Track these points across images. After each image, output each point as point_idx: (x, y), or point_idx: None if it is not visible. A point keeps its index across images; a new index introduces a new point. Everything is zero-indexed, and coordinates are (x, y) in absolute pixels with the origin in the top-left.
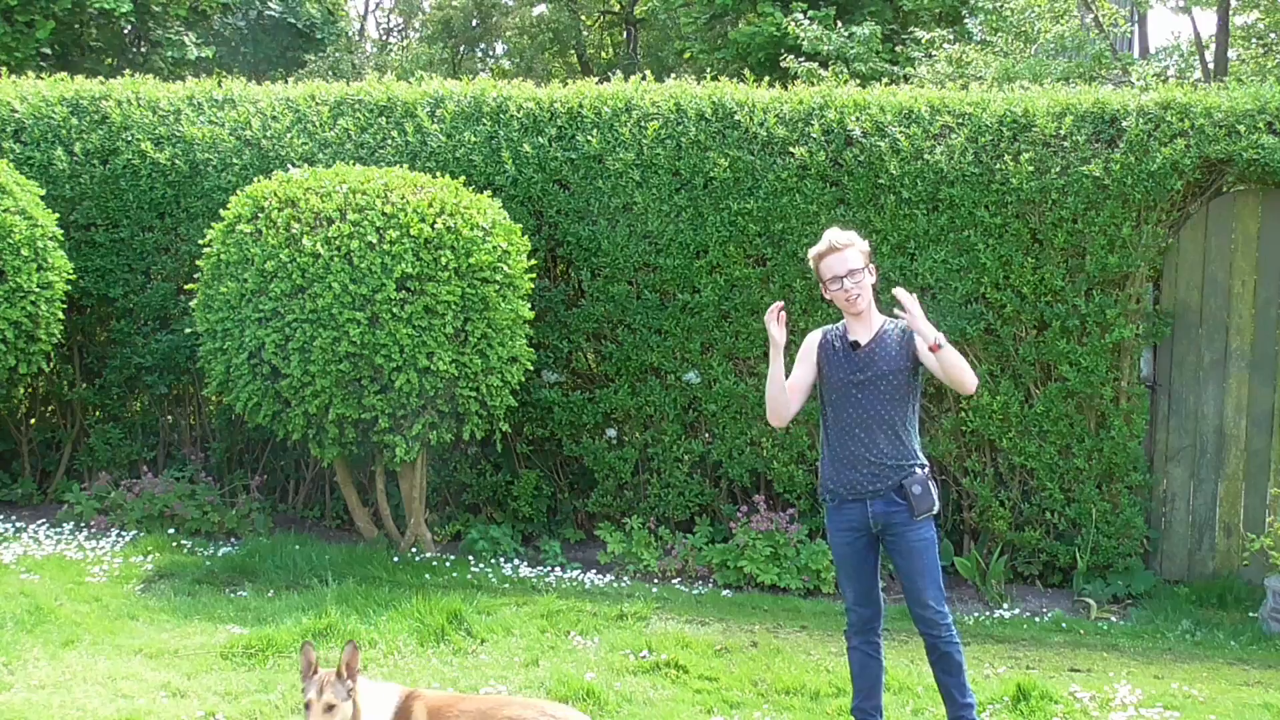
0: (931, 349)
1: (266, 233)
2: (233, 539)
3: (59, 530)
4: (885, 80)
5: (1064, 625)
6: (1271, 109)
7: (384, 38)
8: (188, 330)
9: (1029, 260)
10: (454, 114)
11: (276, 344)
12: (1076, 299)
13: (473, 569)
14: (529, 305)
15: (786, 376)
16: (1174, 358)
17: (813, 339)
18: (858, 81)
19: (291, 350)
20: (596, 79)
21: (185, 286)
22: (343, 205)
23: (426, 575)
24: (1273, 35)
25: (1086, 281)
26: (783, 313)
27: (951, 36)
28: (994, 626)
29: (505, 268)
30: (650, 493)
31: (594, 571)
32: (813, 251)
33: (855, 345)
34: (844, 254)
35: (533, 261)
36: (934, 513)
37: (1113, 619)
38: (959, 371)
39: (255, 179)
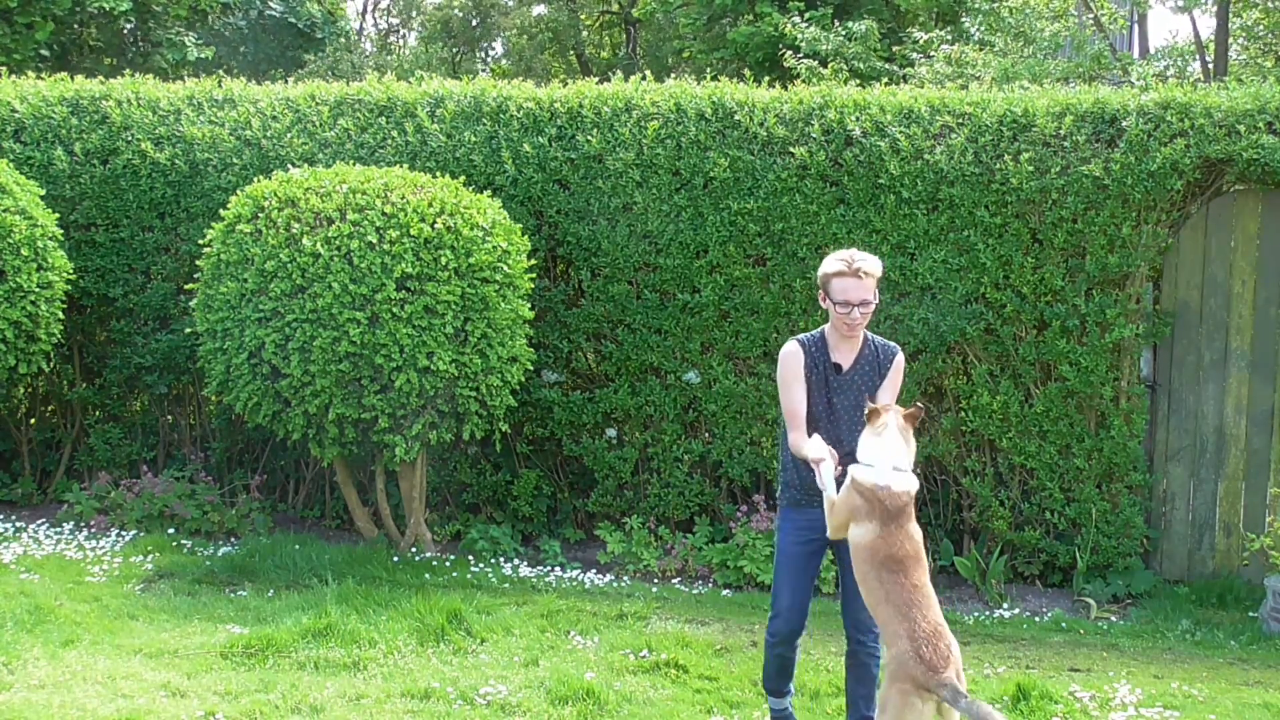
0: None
1: (266, 233)
2: (233, 539)
3: (59, 530)
4: (884, 80)
5: (1064, 625)
6: (1271, 109)
7: (383, 38)
8: (188, 330)
9: (1029, 260)
10: (454, 114)
11: (276, 344)
12: (1076, 299)
13: (473, 569)
14: (529, 305)
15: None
16: (1174, 358)
17: (798, 356)
18: (857, 81)
19: (291, 350)
20: (596, 79)
21: (185, 286)
22: (343, 205)
23: (426, 575)
24: (1271, 35)
25: (1086, 281)
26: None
27: (950, 36)
28: (994, 626)
29: (505, 268)
30: (650, 493)
31: (594, 571)
32: (831, 268)
33: (838, 368)
34: (865, 283)
35: (533, 261)
36: None
37: (1113, 619)
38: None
39: (255, 179)
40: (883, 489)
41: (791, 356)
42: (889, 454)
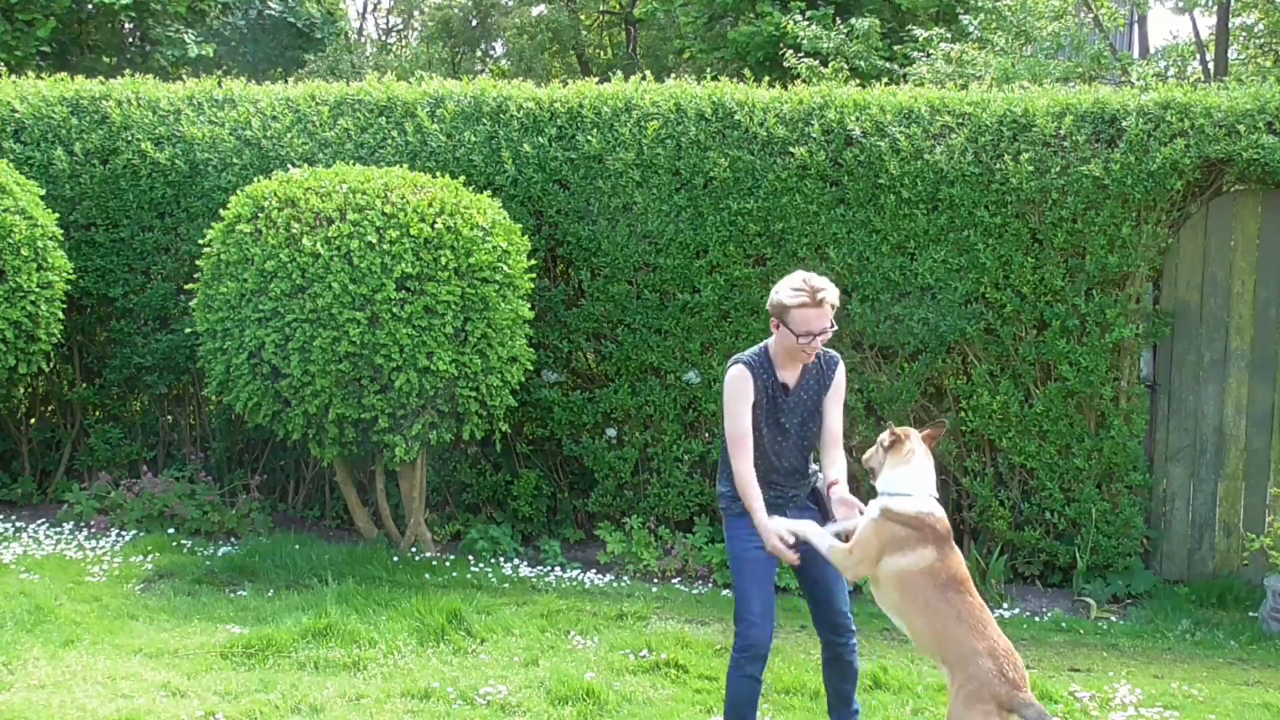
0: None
1: (266, 233)
2: (233, 539)
3: (59, 530)
4: (884, 79)
5: (1064, 625)
6: (1271, 109)
7: (383, 38)
8: (188, 330)
9: (1029, 260)
10: (454, 114)
11: (276, 344)
12: (1076, 299)
13: (472, 569)
14: (529, 305)
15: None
16: (1174, 358)
17: (748, 380)
18: (857, 80)
19: (291, 350)
20: (596, 79)
21: (185, 286)
22: (343, 205)
23: (426, 575)
24: (1271, 35)
25: (1086, 281)
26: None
27: (950, 35)
28: None
29: (505, 268)
30: (650, 492)
31: (594, 571)
32: (788, 299)
33: (785, 389)
34: (825, 310)
35: (533, 261)
36: None
37: (1112, 619)
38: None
39: (255, 179)
40: (928, 514)
41: (741, 380)
42: (923, 481)
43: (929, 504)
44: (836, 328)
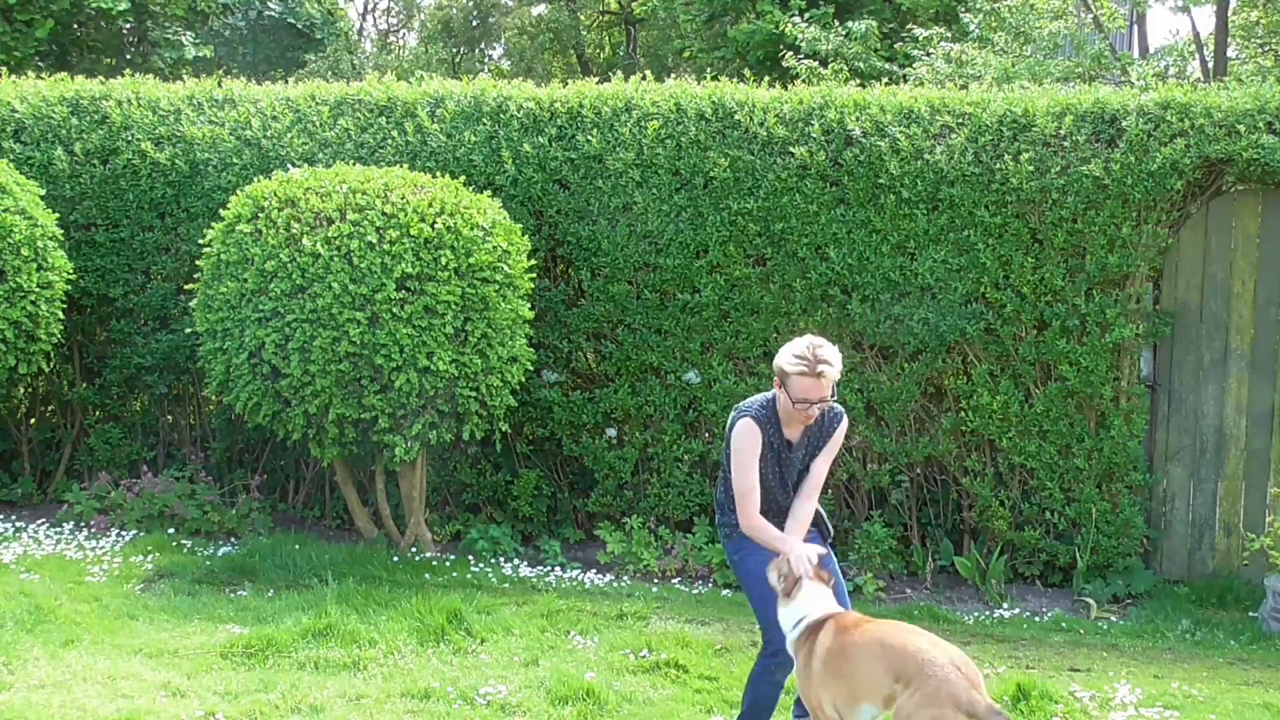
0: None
1: (266, 233)
2: (233, 539)
3: (59, 530)
4: (884, 79)
5: (1064, 625)
6: (1271, 109)
7: (383, 38)
8: (188, 330)
9: (1029, 260)
10: (454, 114)
11: (276, 344)
12: (1076, 299)
13: (473, 569)
14: (529, 305)
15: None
16: (1174, 358)
17: (758, 436)
18: (857, 80)
19: (291, 350)
20: (596, 79)
21: (185, 286)
22: (343, 205)
23: (426, 575)
24: (1271, 35)
25: (1086, 281)
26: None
27: (950, 35)
28: (994, 626)
29: (505, 268)
30: (650, 492)
31: (594, 571)
32: (789, 365)
33: (789, 444)
34: (823, 381)
35: (533, 261)
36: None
37: (1113, 619)
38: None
39: (255, 179)
40: (809, 623)
41: (751, 436)
42: (810, 606)
43: (813, 614)
44: (837, 396)
